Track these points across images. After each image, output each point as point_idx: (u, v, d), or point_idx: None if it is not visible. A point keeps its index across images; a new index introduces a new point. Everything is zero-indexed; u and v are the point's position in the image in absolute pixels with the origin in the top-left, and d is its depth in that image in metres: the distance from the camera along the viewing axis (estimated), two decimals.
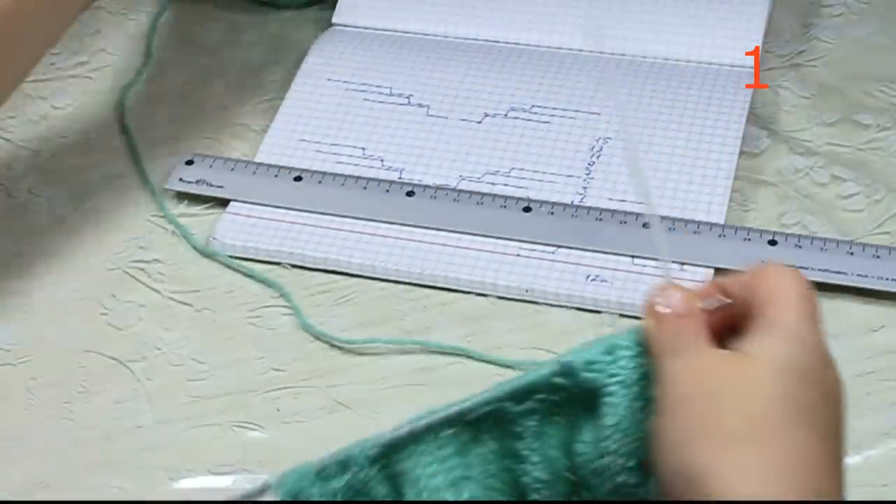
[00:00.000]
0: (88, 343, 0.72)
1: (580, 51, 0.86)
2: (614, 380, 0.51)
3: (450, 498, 0.52)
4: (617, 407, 0.51)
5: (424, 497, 0.52)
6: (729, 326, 0.51)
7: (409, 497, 0.52)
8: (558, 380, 0.52)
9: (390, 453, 0.52)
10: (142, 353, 0.72)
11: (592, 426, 0.52)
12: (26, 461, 0.67)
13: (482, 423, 0.53)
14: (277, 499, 0.52)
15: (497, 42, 0.87)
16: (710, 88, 0.82)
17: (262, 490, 0.52)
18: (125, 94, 0.86)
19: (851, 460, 0.48)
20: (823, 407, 0.47)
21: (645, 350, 0.51)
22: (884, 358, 0.69)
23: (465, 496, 0.53)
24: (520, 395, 0.53)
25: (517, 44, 0.87)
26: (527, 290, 0.73)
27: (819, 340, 0.49)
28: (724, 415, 0.46)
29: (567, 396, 0.53)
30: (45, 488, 0.66)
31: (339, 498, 0.52)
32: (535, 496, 0.53)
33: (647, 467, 0.50)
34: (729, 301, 0.51)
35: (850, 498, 0.47)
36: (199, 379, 0.70)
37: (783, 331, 0.48)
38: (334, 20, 0.90)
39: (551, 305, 0.73)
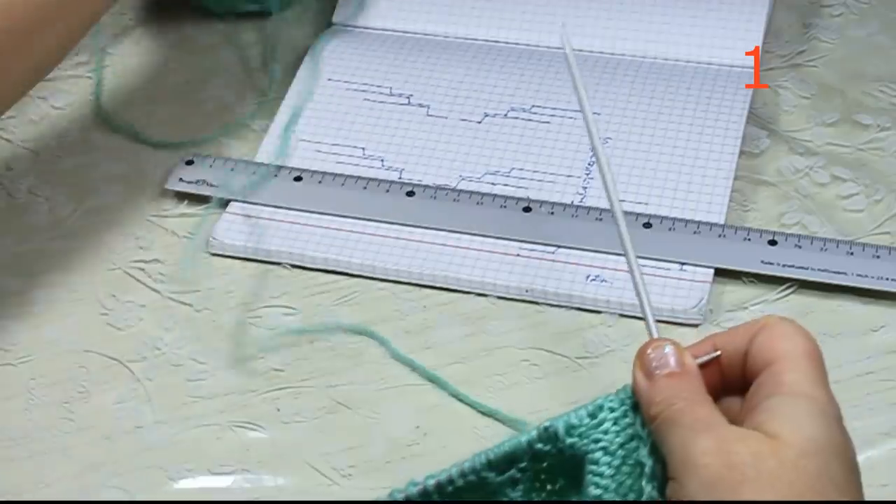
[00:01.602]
0: (88, 343, 0.72)
1: (580, 51, 0.86)
2: (597, 445, 0.50)
3: None
4: (602, 476, 0.49)
5: None
6: (720, 381, 0.50)
7: None
8: (539, 446, 0.51)
9: None
10: (142, 353, 0.72)
11: (580, 494, 0.50)
12: (26, 461, 0.67)
13: (465, 493, 0.51)
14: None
15: (497, 42, 0.87)
16: (710, 88, 0.82)
17: None
18: (99, 92, 0.86)
19: None
20: (854, 479, 0.46)
21: (630, 412, 0.50)
22: (884, 358, 0.69)
23: None
24: (500, 464, 0.51)
25: (517, 44, 0.87)
26: (527, 290, 0.73)
27: (835, 405, 0.48)
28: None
29: (552, 464, 0.51)
30: (45, 488, 0.66)
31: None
32: None
33: None
34: (717, 353, 0.50)
35: None
36: (199, 379, 0.70)
37: (805, 406, 0.47)
38: (334, 20, 0.90)
39: (551, 305, 0.73)
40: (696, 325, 0.71)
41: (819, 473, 0.45)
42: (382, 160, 0.80)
